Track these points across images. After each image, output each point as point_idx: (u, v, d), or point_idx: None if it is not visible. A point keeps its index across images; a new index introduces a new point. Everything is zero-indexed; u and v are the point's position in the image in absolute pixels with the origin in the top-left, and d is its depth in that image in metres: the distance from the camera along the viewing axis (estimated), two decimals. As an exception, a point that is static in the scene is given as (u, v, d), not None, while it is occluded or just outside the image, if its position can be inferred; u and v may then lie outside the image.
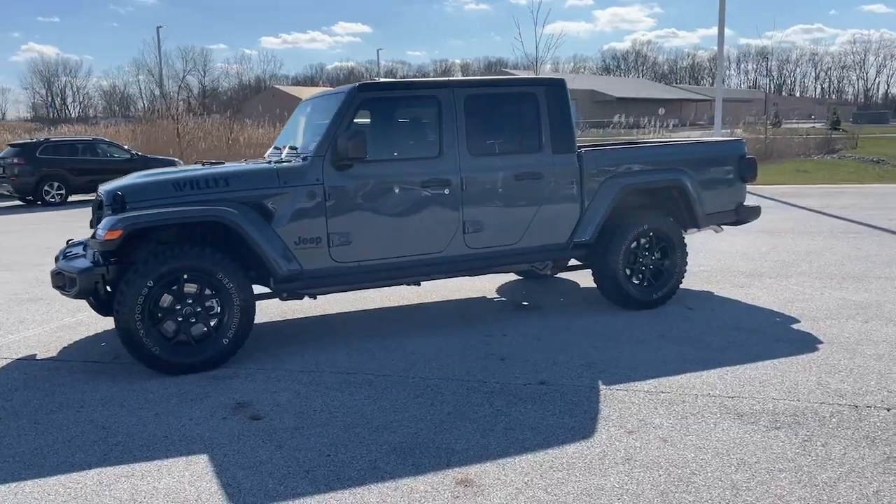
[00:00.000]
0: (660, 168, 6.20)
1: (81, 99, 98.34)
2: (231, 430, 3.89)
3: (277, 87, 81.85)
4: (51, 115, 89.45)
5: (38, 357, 5.29)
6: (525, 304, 6.55)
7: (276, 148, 5.91)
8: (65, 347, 5.50)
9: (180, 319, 4.77)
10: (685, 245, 6.27)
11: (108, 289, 4.99)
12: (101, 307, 5.29)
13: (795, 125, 43.58)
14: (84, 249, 5.28)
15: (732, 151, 6.56)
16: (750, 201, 6.73)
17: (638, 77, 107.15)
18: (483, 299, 6.76)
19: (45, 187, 17.30)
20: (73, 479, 3.37)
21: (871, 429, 3.68)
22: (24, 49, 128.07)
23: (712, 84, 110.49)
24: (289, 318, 6.27)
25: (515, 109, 5.76)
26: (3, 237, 11.73)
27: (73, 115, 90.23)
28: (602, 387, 4.38)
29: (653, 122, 30.30)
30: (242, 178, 5.03)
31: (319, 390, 4.44)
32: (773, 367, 4.63)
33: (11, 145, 18.25)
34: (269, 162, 5.40)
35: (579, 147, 6.01)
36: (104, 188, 5.08)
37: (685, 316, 5.93)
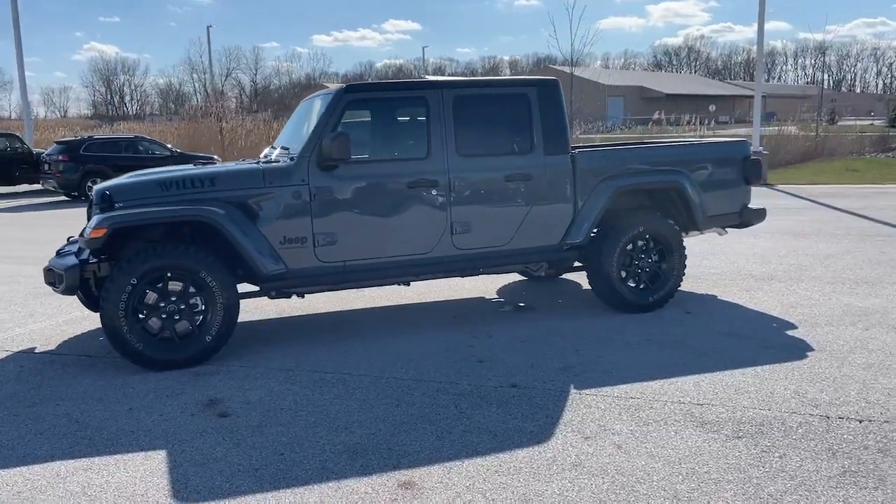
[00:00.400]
0: (657, 170, 6.11)
1: (139, 96, 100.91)
2: (196, 426, 3.97)
3: (326, 84, 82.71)
4: (109, 112, 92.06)
5: (36, 350, 5.46)
6: (521, 305, 6.52)
7: (272, 147, 5.99)
8: (65, 341, 5.67)
9: (164, 316, 4.89)
10: (683, 248, 6.16)
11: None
12: (92, 304, 5.43)
13: (852, 122, 42.33)
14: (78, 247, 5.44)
15: (736, 153, 6.42)
16: (757, 203, 6.57)
17: (691, 73, 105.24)
18: (480, 300, 6.76)
19: (89, 183, 17.76)
20: (32, 471, 3.49)
21: (836, 441, 3.59)
22: (86, 48, 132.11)
23: (767, 80, 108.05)
24: (284, 315, 6.35)
25: (506, 110, 5.73)
26: (41, 232, 12.14)
27: (130, 113, 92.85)
28: (572, 391, 4.35)
29: (694, 120, 29.64)
30: (227, 178, 5.12)
31: (292, 389, 4.50)
32: (754, 374, 4.54)
33: (57, 142, 18.83)
34: (258, 162, 5.48)
35: (574, 148, 5.95)
36: (96, 187, 5.22)
37: (680, 320, 5.83)
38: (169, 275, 4.85)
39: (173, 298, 4.89)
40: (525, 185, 5.66)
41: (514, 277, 7.46)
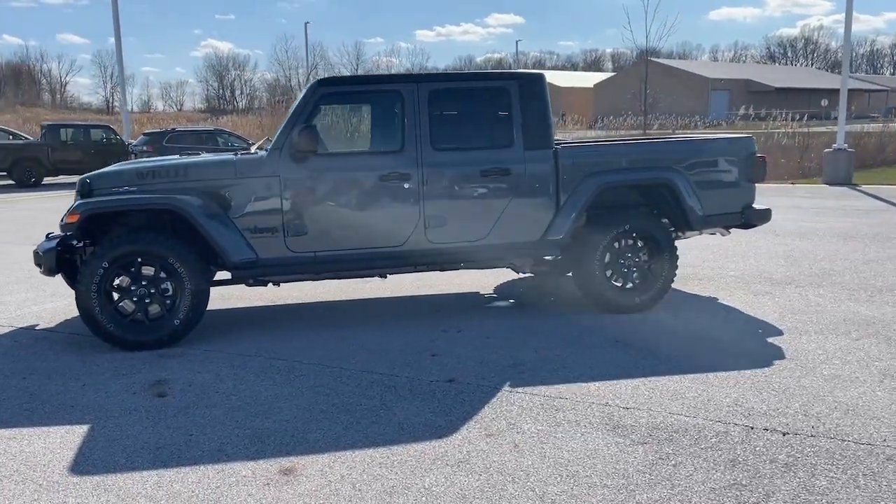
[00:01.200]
0: (647, 166, 5.91)
1: (248, 91, 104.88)
2: (129, 404, 4.17)
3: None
4: (221, 106, 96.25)
5: (37, 327, 5.85)
6: (511, 301, 6.47)
7: (268, 139, 6.16)
8: (66, 320, 6.04)
9: (136, 299, 5.14)
10: (674, 248, 5.95)
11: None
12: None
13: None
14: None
15: (738, 150, 6.13)
16: (762, 204, 6.27)
17: (808, 65, 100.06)
18: (474, 295, 6.74)
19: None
20: (-39, 437, 3.76)
21: (744, 452, 3.42)
22: (203, 45, 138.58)
23: (893, 73, 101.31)
24: (276, 304, 6.54)
25: (485, 104, 5.69)
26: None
27: (240, 107, 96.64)
28: (505, 388, 4.30)
29: (800, 116, 28.03)
30: (199, 168, 5.33)
31: (238, 374, 4.65)
32: (704, 380, 4.36)
33: (144, 134, 19.93)
34: (236, 153, 5.66)
35: (558, 144, 5.85)
36: (81, 177, 5.52)
37: (661, 322, 5.65)
38: (139, 260, 5.09)
39: (144, 283, 5.13)
40: (503, 179, 5.61)
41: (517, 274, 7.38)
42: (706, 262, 7.88)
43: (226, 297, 6.67)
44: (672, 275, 5.95)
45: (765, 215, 6.21)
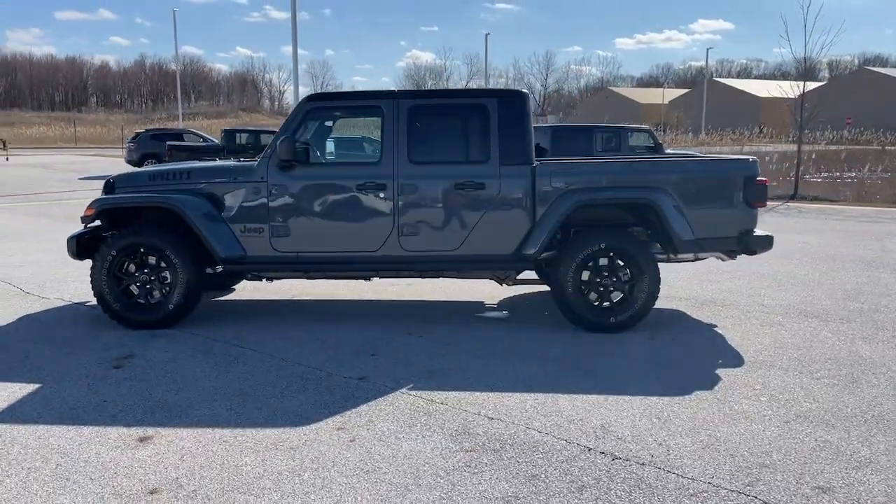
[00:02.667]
0: (628, 185, 5.84)
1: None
2: (87, 372, 4.87)
3: (612, 88, 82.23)
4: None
5: (86, 304, 6.80)
6: (506, 313, 6.60)
7: None
8: (113, 300, 6.96)
9: (138, 284, 5.90)
10: (654, 269, 5.82)
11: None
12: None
13: None
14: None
15: (737, 172, 5.87)
16: (763, 230, 5.96)
17: None
18: (474, 304, 6.93)
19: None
20: (-58, 384, 4.62)
21: (553, 469, 3.47)
22: (407, 56, 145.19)
23: None
24: (292, 298, 7.10)
25: (463, 120, 5.92)
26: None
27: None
28: (402, 390, 4.54)
29: None
30: (201, 172, 6.00)
31: (195, 355, 5.24)
32: (601, 402, 4.34)
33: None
34: (239, 160, 6.29)
35: (539, 160, 5.94)
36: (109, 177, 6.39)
37: (624, 343, 5.57)
38: (142, 250, 5.84)
39: (146, 270, 5.88)
40: (477, 194, 5.80)
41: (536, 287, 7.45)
42: (744, 290, 7.50)
43: (258, 289, 7.36)
44: (652, 296, 5.82)
45: (765, 242, 5.90)
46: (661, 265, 5.95)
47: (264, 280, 6.28)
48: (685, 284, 7.69)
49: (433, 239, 5.86)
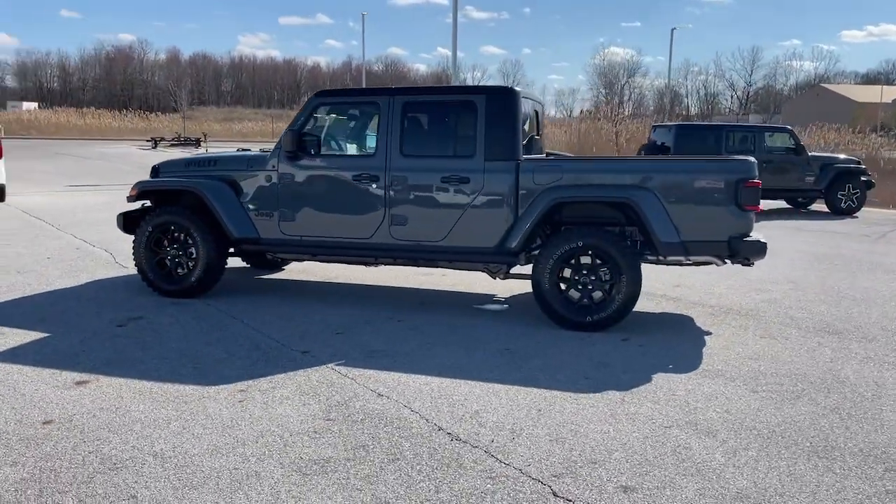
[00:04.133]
0: (611, 184, 5.78)
1: (635, 97, 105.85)
2: (93, 328, 5.66)
3: (825, 86, 76.05)
4: (608, 113, 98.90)
5: (150, 274, 7.75)
6: (505, 305, 6.73)
7: None
8: (176, 272, 7.89)
9: (169, 258, 6.71)
10: (634, 270, 5.72)
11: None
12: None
13: None
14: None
15: (728, 173, 5.62)
16: (756, 236, 5.66)
17: None
18: (483, 296, 7.09)
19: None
20: (-22, 327, 5.62)
21: (382, 441, 3.70)
22: (606, 53, 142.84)
23: None
24: (322, 280, 7.65)
25: (453, 116, 6.15)
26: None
27: (626, 113, 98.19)
28: (330, 365, 4.90)
29: None
30: (224, 161, 6.70)
31: (190, 322, 5.90)
32: (504, 391, 4.47)
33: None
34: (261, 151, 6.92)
35: (527, 157, 6.04)
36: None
37: (588, 342, 5.56)
38: (172, 228, 6.64)
39: (175, 246, 6.67)
40: (462, 188, 6.01)
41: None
42: (784, 302, 7.06)
43: (304, 270, 8.01)
44: (631, 298, 5.73)
45: (757, 248, 5.62)
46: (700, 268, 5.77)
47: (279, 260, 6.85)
48: (725, 292, 7.38)
49: (420, 230, 6.14)
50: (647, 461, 3.57)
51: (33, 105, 73.75)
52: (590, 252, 5.79)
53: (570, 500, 3.19)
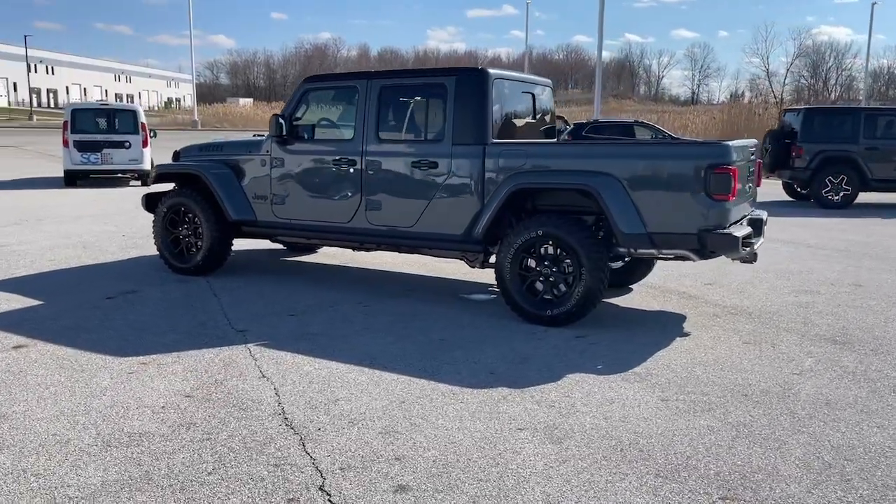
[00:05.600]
0: (572, 170, 5.39)
1: (843, 81, 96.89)
2: (85, 300, 6.10)
3: None
4: (809, 97, 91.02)
5: (191, 253, 8.25)
6: (493, 296, 6.49)
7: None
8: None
9: (181, 237, 7.10)
10: (596, 262, 5.30)
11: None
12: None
13: None
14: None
15: (696, 159, 5.05)
16: (735, 229, 5.07)
17: None
18: (481, 285, 6.87)
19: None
20: (-9, 294, 6.26)
21: (213, 419, 3.74)
22: (815, 32, 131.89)
23: None
24: (338, 264, 7.75)
25: (425, 100, 5.98)
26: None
27: (832, 97, 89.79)
28: (250, 344, 4.99)
29: None
30: (229, 146, 6.97)
31: (176, 298, 6.22)
32: (382, 379, 4.36)
33: (575, 124, 21.68)
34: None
35: (496, 141, 5.77)
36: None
37: (539, 336, 5.25)
38: (182, 209, 7.02)
39: (185, 226, 7.05)
40: (431, 173, 5.87)
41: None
42: (817, 306, 6.27)
43: (329, 254, 8.20)
44: (590, 293, 5.32)
45: (727, 243, 5.02)
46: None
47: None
48: (759, 292, 6.70)
49: (393, 215, 6.07)
50: (455, 462, 3.34)
51: (249, 100, 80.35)
52: (551, 242, 5.44)
53: (329, 495, 3.05)
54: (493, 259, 6.01)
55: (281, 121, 6.35)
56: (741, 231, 5.13)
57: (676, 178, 5.10)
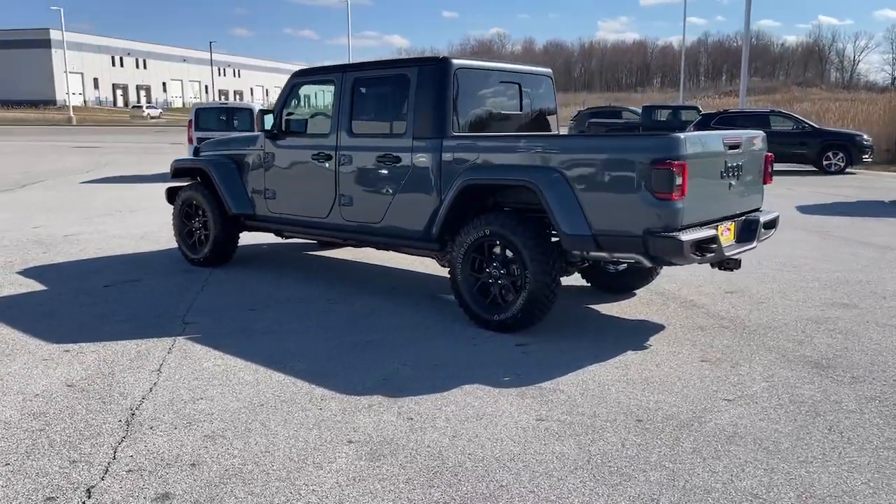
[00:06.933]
0: (516, 165, 5.00)
1: None
2: (87, 287, 6.47)
3: None
4: None
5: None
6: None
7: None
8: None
9: (194, 230, 7.34)
10: (541, 264, 4.87)
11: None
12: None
13: None
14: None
15: (638, 152, 4.49)
16: (691, 234, 4.49)
17: None
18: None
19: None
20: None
21: (115, 405, 3.82)
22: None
23: None
24: (346, 258, 7.70)
25: (391, 92, 5.77)
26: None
27: None
28: (186, 336, 5.04)
29: None
30: (234, 141, 7.11)
31: (170, 287, 6.43)
32: (263, 378, 4.28)
33: (704, 115, 20.35)
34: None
35: (455, 134, 5.47)
36: (206, 141, 7.87)
37: (479, 341, 4.94)
38: (194, 203, 7.26)
39: (196, 219, 7.29)
40: (394, 168, 5.67)
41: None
42: (829, 323, 5.46)
43: (351, 250, 8.19)
44: (535, 299, 4.91)
45: (671, 248, 4.45)
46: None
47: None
48: (776, 303, 5.97)
49: (362, 211, 5.93)
50: (242, 472, 3.17)
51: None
52: (497, 242, 5.09)
53: (90, 497, 2.99)
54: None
55: (261, 115, 6.41)
56: (695, 235, 4.52)
57: (620, 173, 4.59)
